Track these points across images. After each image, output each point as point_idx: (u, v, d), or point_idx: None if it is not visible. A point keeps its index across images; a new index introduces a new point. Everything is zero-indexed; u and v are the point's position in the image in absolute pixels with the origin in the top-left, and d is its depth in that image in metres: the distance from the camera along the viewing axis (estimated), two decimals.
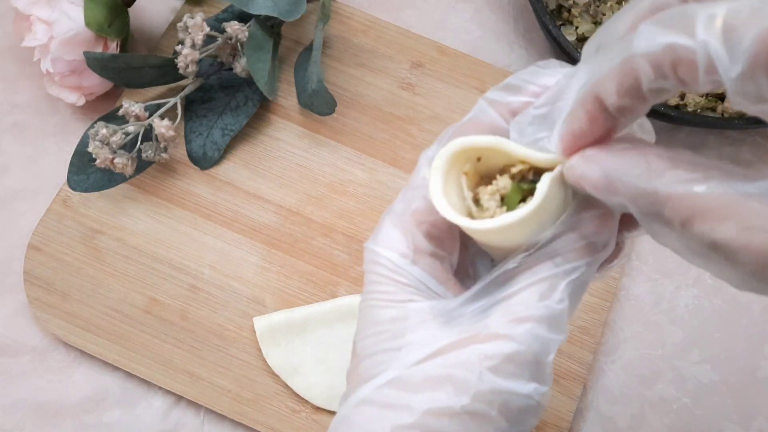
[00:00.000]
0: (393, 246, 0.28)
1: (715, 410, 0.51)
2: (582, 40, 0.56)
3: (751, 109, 0.21)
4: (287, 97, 0.56)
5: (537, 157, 0.26)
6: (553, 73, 0.27)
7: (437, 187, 0.27)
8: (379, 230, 0.29)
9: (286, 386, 0.48)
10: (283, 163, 0.54)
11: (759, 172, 0.22)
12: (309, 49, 0.55)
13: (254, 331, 0.49)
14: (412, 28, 0.58)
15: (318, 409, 0.48)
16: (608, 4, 0.56)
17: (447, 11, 0.60)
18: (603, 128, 0.25)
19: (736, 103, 0.21)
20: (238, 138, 0.54)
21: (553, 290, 0.26)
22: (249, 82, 0.54)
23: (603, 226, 0.27)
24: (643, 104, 0.24)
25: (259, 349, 0.49)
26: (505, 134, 0.28)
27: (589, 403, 0.51)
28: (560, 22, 0.57)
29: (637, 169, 0.23)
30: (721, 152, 0.56)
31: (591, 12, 0.55)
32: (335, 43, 0.57)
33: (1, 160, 0.55)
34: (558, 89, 0.26)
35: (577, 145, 0.25)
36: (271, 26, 0.53)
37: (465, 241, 0.30)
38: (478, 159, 0.27)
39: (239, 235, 0.52)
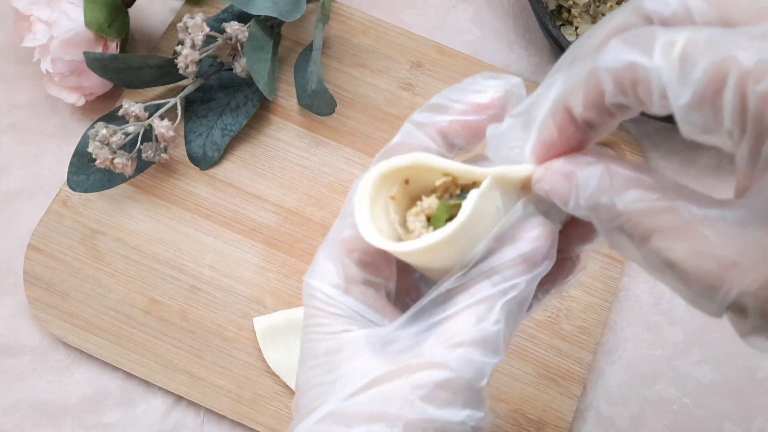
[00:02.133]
0: (326, 277, 0.28)
1: (715, 410, 0.51)
2: None
3: (699, 139, 0.22)
4: (287, 98, 0.56)
5: (461, 169, 0.26)
6: (480, 88, 0.28)
7: (363, 214, 0.26)
8: (314, 263, 0.29)
9: (286, 386, 0.48)
10: (283, 163, 0.54)
11: (717, 198, 0.23)
12: (309, 49, 0.55)
13: (254, 332, 0.49)
14: (412, 28, 0.58)
15: None
16: (608, 5, 0.56)
17: (447, 11, 0.60)
18: (574, 139, 0.25)
19: (684, 132, 0.22)
20: (238, 138, 0.54)
21: (489, 311, 0.26)
22: (249, 82, 0.54)
23: (542, 239, 0.26)
24: (610, 119, 0.24)
25: (259, 349, 0.49)
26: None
27: (589, 403, 0.51)
28: (560, 22, 0.57)
29: (601, 184, 0.24)
30: (720, 152, 0.56)
31: (591, 12, 0.56)
32: (335, 43, 0.57)
33: (1, 160, 0.55)
34: (534, 98, 0.26)
35: (548, 154, 0.26)
36: (271, 26, 0.53)
37: (405, 266, 0.30)
38: (406, 181, 0.27)
39: (239, 235, 0.52)
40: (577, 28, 0.56)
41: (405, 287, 0.31)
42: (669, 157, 0.56)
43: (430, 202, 0.26)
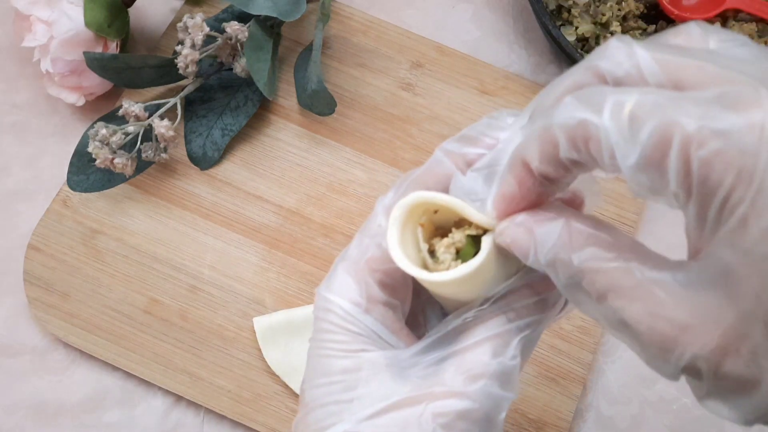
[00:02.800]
0: (346, 294, 0.28)
1: None
2: (582, 40, 0.56)
3: (648, 199, 0.22)
4: (287, 97, 0.56)
5: (478, 218, 0.26)
6: (505, 126, 0.28)
7: (394, 239, 0.27)
8: (332, 276, 0.29)
9: (286, 386, 0.48)
10: (283, 163, 0.54)
11: (672, 260, 0.23)
12: (309, 49, 0.55)
13: (254, 331, 0.49)
14: (412, 28, 0.58)
15: None
16: (608, 5, 0.56)
17: (447, 11, 0.60)
18: (533, 193, 0.25)
19: (633, 191, 0.22)
20: (238, 138, 0.54)
21: (506, 346, 0.27)
22: (249, 82, 0.54)
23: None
24: (566, 173, 0.24)
25: (259, 349, 0.49)
26: None
27: (589, 403, 0.51)
28: (560, 23, 0.57)
29: (559, 240, 0.24)
30: None
31: (591, 12, 0.55)
32: (335, 43, 0.57)
33: (1, 160, 0.55)
34: (495, 153, 0.27)
35: (508, 208, 0.26)
36: (271, 26, 0.53)
37: (416, 289, 0.30)
38: (435, 211, 0.28)
39: (239, 235, 0.52)
40: (577, 28, 0.56)
41: (413, 311, 0.31)
42: None
43: (461, 236, 0.27)
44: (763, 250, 0.20)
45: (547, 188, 0.25)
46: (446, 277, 0.26)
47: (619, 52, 0.23)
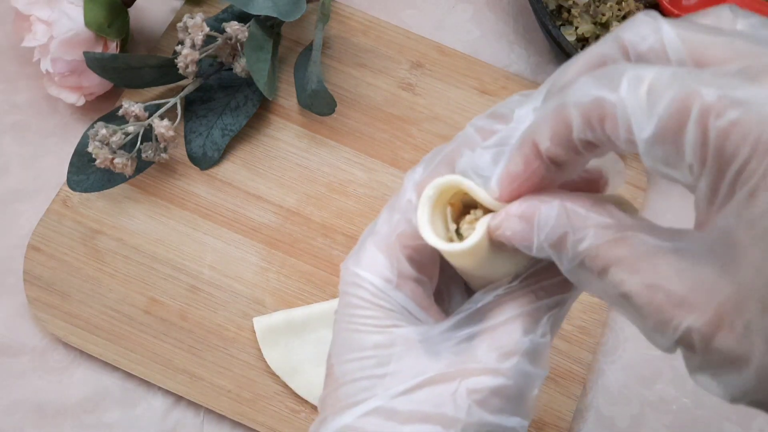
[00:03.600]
0: (376, 269, 0.28)
1: (715, 410, 0.51)
2: (582, 40, 0.56)
3: (661, 172, 0.22)
4: (287, 97, 0.56)
5: (488, 203, 0.27)
6: (527, 105, 0.28)
7: (425, 216, 0.27)
8: (361, 251, 0.29)
9: (286, 386, 0.48)
10: (283, 163, 0.54)
11: (674, 229, 0.23)
12: (309, 49, 0.55)
13: (254, 332, 0.49)
14: (412, 28, 0.58)
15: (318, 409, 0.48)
16: (608, 5, 0.56)
17: (447, 11, 0.60)
18: (538, 176, 0.25)
19: (647, 166, 0.22)
20: (237, 138, 0.54)
21: (536, 324, 0.27)
22: (249, 82, 0.54)
23: None
24: (576, 156, 0.24)
25: (259, 350, 0.49)
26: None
27: (589, 403, 0.51)
28: (560, 23, 0.57)
29: (558, 222, 0.24)
30: None
31: (591, 12, 0.55)
32: (335, 43, 0.57)
33: (1, 160, 0.55)
34: (508, 132, 0.27)
35: (511, 188, 0.26)
36: (271, 26, 0.53)
37: (442, 265, 0.30)
38: (465, 193, 0.28)
39: (239, 235, 0.52)
40: (577, 28, 0.56)
41: (438, 288, 0.31)
42: None
43: (478, 214, 0.27)
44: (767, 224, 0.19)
45: (553, 173, 0.25)
46: (455, 247, 0.26)
47: (646, 26, 0.23)
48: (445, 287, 0.31)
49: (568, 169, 0.25)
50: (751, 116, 0.19)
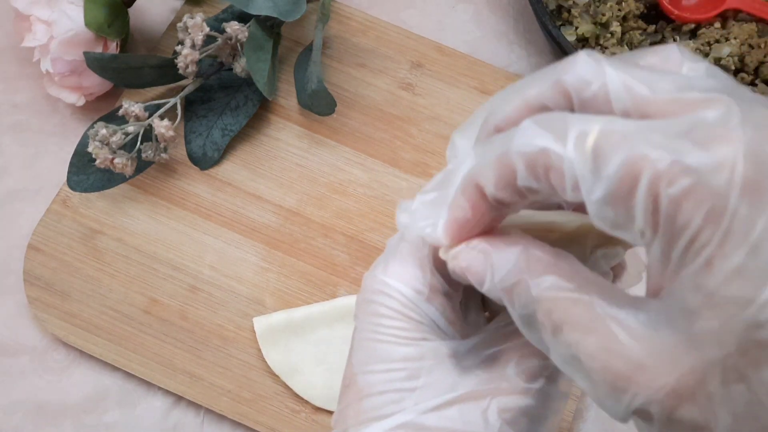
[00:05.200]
0: (407, 280, 0.27)
1: None
2: (582, 40, 0.56)
3: (611, 233, 0.21)
4: (287, 97, 0.56)
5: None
6: (464, 134, 0.27)
7: None
8: (390, 260, 0.28)
9: (286, 386, 0.48)
10: (283, 163, 0.54)
11: (632, 296, 0.22)
12: (309, 49, 0.55)
13: (254, 332, 0.49)
14: (412, 28, 0.58)
15: (318, 409, 0.48)
16: (608, 5, 0.56)
17: (447, 11, 0.60)
18: (487, 217, 0.24)
19: (597, 225, 0.21)
20: (237, 138, 0.54)
21: None
22: (249, 82, 0.54)
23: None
24: (521, 199, 0.23)
25: (259, 350, 0.49)
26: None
27: (589, 403, 0.51)
28: (560, 23, 0.57)
29: (517, 265, 0.23)
30: None
31: (591, 12, 0.55)
32: (335, 43, 0.57)
33: (1, 160, 0.55)
34: (445, 174, 0.26)
35: (461, 233, 0.25)
36: (271, 26, 0.53)
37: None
38: None
39: (239, 235, 0.52)
40: (577, 28, 0.56)
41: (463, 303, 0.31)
42: None
43: None
44: (726, 293, 0.19)
45: (501, 212, 0.24)
46: None
47: (588, 70, 0.22)
48: (464, 301, 0.31)
49: (513, 209, 0.24)
50: (703, 185, 0.19)
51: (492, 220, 0.25)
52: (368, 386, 0.27)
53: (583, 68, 0.22)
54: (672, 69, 0.23)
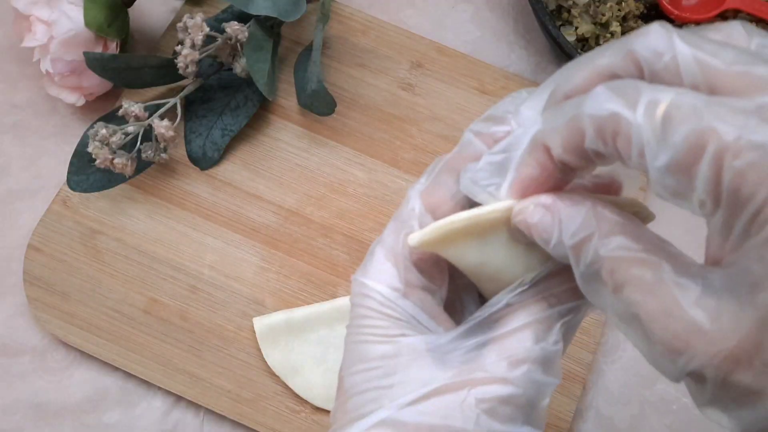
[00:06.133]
0: (384, 279, 0.28)
1: None
2: (582, 40, 0.56)
3: (670, 201, 0.22)
4: (287, 98, 0.56)
5: (486, 215, 0.26)
6: (530, 105, 0.28)
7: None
8: (369, 262, 0.29)
9: (286, 386, 0.48)
10: (283, 163, 0.54)
11: (697, 264, 0.23)
12: (309, 49, 0.55)
13: (254, 332, 0.49)
14: (411, 28, 0.58)
15: (318, 409, 0.48)
16: (608, 5, 0.56)
17: (447, 11, 0.60)
18: (552, 179, 0.25)
19: (655, 192, 0.22)
20: (237, 138, 0.54)
21: (548, 332, 0.26)
22: (249, 82, 0.54)
23: None
24: (588, 164, 0.24)
25: (259, 350, 0.49)
26: None
27: (589, 403, 0.51)
28: (560, 23, 0.57)
29: (585, 223, 0.24)
30: None
31: (591, 12, 0.55)
32: (335, 43, 0.57)
33: (1, 160, 0.55)
34: (514, 138, 0.26)
35: (525, 193, 0.26)
36: (271, 26, 0.53)
37: (453, 274, 0.30)
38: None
39: (239, 235, 0.52)
40: (577, 28, 0.56)
41: (450, 297, 0.31)
42: None
43: None
44: None
45: (567, 176, 0.25)
46: (468, 213, 0.26)
47: (660, 42, 0.22)
48: (457, 297, 0.31)
49: (579, 173, 0.25)
50: None
51: (557, 182, 0.25)
52: (351, 387, 0.27)
53: (656, 40, 0.22)
54: (738, 44, 0.23)
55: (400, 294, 0.28)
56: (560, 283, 0.27)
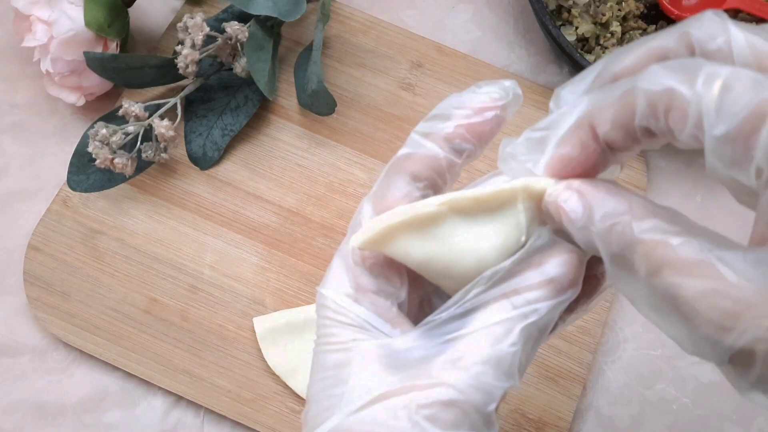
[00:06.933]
0: (338, 287, 0.28)
1: (715, 410, 0.51)
2: (582, 40, 0.56)
3: (723, 172, 0.22)
4: (287, 97, 0.56)
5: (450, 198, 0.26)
6: (478, 93, 0.27)
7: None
8: (327, 272, 0.29)
9: (286, 386, 0.48)
10: (283, 163, 0.54)
11: (736, 242, 0.22)
12: (309, 49, 0.55)
13: (254, 332, 0.49)
14: (412, 28, 0.58)
15: None
16: (608, 5, 0.56)
17: (447, 11, 0.60)
18: (592, 159, 0.25)
19: (709, 164, 0.22)
20: (238, 138, 0.54)
21: (507, 335, 0.25)
22: (249, 82, 0.54)
23: (569, 265, 0.26)
24: (632, 143, 0.24)
25: (259, 350, 0.49)
26: (443, 164, 0.28)
27: (589, 403, 0.51)
28: (560, 23, 0.57)
29: (618, 207, 0.23)
30: None
31: (591, 12, 0.55)
32: (335, 43, 0.57)
33: (1, 160, 0.55)
34: (556, 117, 0.26)
35: (564, 171, 0.25)
36: (271, 26, 0.53)
37: (418, 279, 0.29)
38: None
39: (239, 235, 0.52)
40: (577, 28, 0.56)
41: (418, 301, 0.30)
42: (668, 157, 0.56)
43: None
44: None
45: (606, 158, 0.25)
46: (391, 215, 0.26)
47: (714, 25, 0.23)
48: (427, 300, 0.31)
49: (619, 157, 0.25)
50: None
51: (595, 165, 0.25)
52: (311, 396, 0.28)
53: (710, 23, 0.23)
54: None
55: (352, 299, 0.28)
56: (527, 281, 0.26)
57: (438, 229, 0.26)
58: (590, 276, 0.29)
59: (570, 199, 0.25)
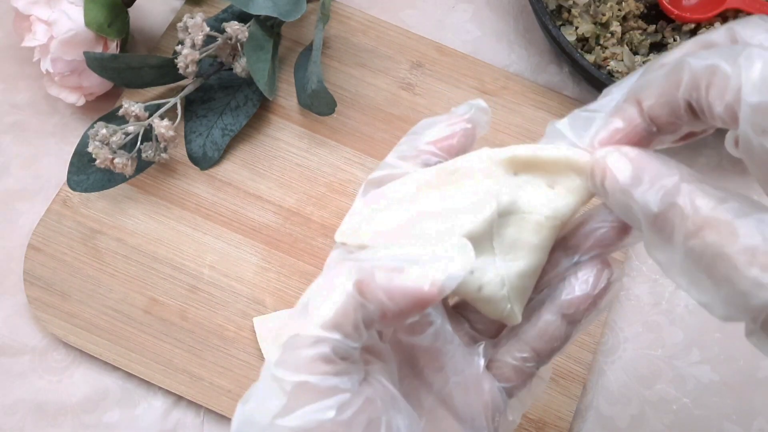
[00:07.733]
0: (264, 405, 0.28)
1: (715, 410, 0.51)
2: (582, 40, 0.56)
3: (753, 144, 0.23)
4: (287, 97, 0.56)
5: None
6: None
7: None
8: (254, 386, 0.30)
9: None
10: (283, 163, 0.54)
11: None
12: (309, 49, 0.55)
13: (254, 332, 0.49)
14: (411, 28, 0.58)
15: None
16: (608, 5, 0.56)
17: (447, 11, 0.60)
18: (637, 134, 0.27)
19: (743, 134, 0.23)
20: (238, 138, 0.54)
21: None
22: (249, 82, 0.54)
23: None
24: (675, 119, 0.25)
25: (259, 350, 0.49)
26: None
27: (589, 403, 0.51)
28: (560, 22, 0.57)
29: (667, 172, 0.25)
30: (720, 151, 0.57)
31: (591, 12, 0.55)
32: (335, 43, 0.57)
33: (1, 160, 0.55)
34: (607, 100, 0.28)
35: (608, 143, 0.27)
36: (271, 26, 0.53)
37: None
38: None
39: (239, 235, 0.52)
40: (577, 28, 0.56)
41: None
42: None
43: None
44: None
45: (650, 137, 0.27)
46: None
47: (758, 25, 0.25)
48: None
49: (662, 136, 0.27)
50: None
51: (640, 141, 0.27)
52: None
53: (756, 26, 0.25)
54: None
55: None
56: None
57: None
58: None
59: (620, 160, 0.26)
